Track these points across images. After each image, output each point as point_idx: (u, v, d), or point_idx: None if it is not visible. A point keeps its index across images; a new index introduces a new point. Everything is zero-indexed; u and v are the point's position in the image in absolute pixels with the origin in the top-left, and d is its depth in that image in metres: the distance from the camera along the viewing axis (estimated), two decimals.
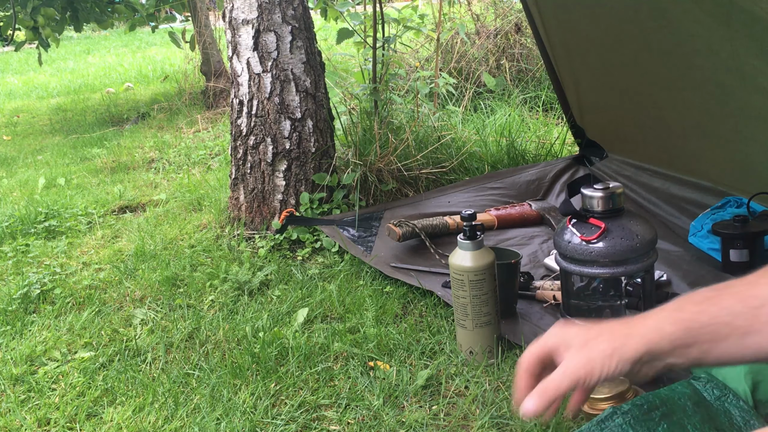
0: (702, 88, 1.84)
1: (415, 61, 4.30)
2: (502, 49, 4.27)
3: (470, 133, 3.03)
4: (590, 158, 2.53)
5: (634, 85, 2.15)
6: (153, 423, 1.39)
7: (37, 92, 7.67)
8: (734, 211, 1.86)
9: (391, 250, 2.07)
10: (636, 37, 1.98)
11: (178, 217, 2.69)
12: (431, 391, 1.40)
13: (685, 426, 0.93)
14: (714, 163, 2.01)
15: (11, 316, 1.93)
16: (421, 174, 2.53)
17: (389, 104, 2.82)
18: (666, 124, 2.12)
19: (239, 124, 2.35)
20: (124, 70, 8.78)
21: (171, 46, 9.36)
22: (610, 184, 1.31)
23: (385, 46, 2.79)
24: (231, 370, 1.52)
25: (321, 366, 1.52)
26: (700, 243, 1.90)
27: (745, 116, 1.76)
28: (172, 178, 3.39)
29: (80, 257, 2.38)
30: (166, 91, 6.41)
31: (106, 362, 1.65)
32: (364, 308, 1.76)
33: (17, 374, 1.62)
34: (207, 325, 1.76)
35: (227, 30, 2.34)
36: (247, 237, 2.32)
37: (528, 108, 3.76)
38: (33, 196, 3.19)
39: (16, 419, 1.45)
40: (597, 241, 1.27)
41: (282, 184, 2.33)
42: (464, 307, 1.45)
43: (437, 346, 1.56)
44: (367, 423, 1.32)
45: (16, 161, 4.19)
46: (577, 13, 2.21)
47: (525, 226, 2.20)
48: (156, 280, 2.06)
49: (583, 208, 1.32)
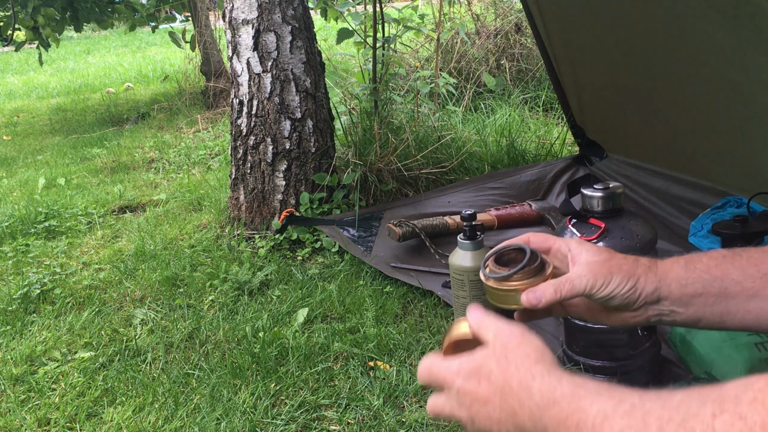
0: (705, 86, 1.84)
1: (415, 61, 4.30)
2: (502, 49, 4.27)
3: (470, 133, 3.03)
4: (590, 158, 2.53)
5: (634, 85, 2.15)
6: (153, 423, 1.39)
7: (37, 92, 7.67)
8: (734, 211, 1.86)
9: (391, 250, 2.07)
10: (637, 35, 1.98)
11: (178, 217, 2.69)
12: (431, 391, 1.40)
13: None
14: (714, 163, 2.01)
15: (11, 316, 1.93)
16: (421, 174, 2.53)
17: (389, 104, 2.82)
18: (666, 124, 2.12)
19: (239, 124, 2.35)
20: (124, 70, 8.78)
21: (171, 46, 9.36)
22: (610, 184, 1.31)
23: (385, 46, 2.79)
24: (231, 370, 1.52)
25: (321, 366, 1.52)
26: (700, 243, 1.90)
27: (748, 114, 1.76)
28: (172, 178, 3.39)
29: (80, 257, 2.37)
30: (166, 91, 6.41)
31: (106, 362, 1.65)
32: (364, 308, 1.76)
33: (17, 374, 1.62)
34: (207, 325, 1.76)
35: (227, 30, 2.34)
36: (247, 237, 2.32)
37: (528, 108, 3.76)
38: (33, 196, 3.19)
39: (16, 419, 1.45)
40: (597, 241, 1.27)
41: (282, 184, 2.33)
42: (464, 307, 1.45)
43: (437, 346, 1.56)
44: (367, 423, 1.32)
45: (16, 161, 4.19)
46: (577, 12, 2.21)
47: (525, 226, 2.20)
48: (156, 280, 2.06)
49: (583, 208, 1.32)
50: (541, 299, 0.79)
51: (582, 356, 1.36)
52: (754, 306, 0.77)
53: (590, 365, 1.34)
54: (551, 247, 0.85)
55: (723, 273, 0.78)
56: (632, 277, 0.79)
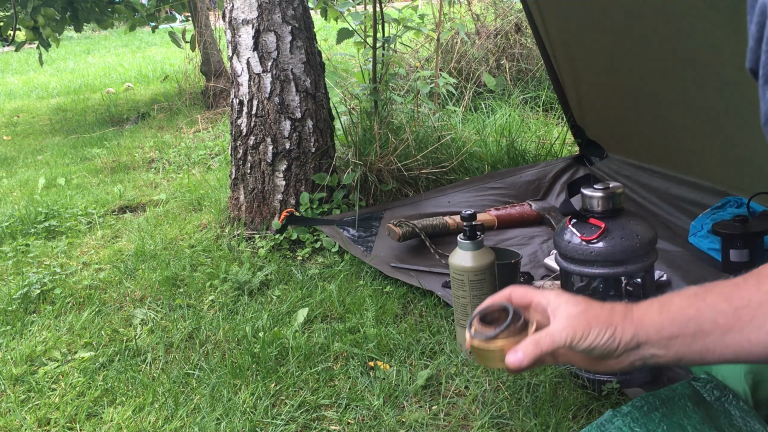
0: (705, 85, 1.84)
1: (415, 61, 4.30)
2: (502, 49, 4.27)
3: (470, 133, 3.03)
4: (590, 158, 2.53)
5: (634, 84, 2.15)
6: (153, 423, 1.39)
7: (37, 92, 7.67)
8: (734, 211, 1.86)
9: (391, 250, 2.07)
10: (637, 34, 1.98)
11: (178, 217, 2.69)
12: (431, 391, 1.40)
13: (685, 427, 0.93)
14: (714, 163, 2.01)
15: (11, 316, 1.93)
16: (421, 174, 2.53)
17: (389, 104, 2.82)
18: (666, 124, 2.12)
19: (239, 124, 2.35)
20: (124, 70, 8.78)
21: (171, 46, 9.36)
22: (610, 184, 1.31)
23: (385, 46, 2.79)
24: (231, 370, 1.52)
25: (321, 366, 1.52)
26: (700, 243, 1.90)
27: (748, 114, 1.76)
28: (172, 178, 3.39)
29: (80, 257, 2.37)
30: (166, 91, 6.41)
31: (106, 362, 1.65)
32: (364, 308, 1.76)
33: (17, 374, 1.62)
34: (207, 325, 1.76)
35: (227, 30, 2.34)
36: (247, 237, 2.32)
37: (528, 108, 3.77)
38: (33, 196, 3.19)
39: (16, 419, 1.45)
40: (597, 241, 1.27)
41: (282, 184, 2.33)
42: (464, 307, 1.45)
43: (437, 346, 1.56)
44: (367, 423, 1.32)
45: (16, 161, 4.19)
46: (577, 12, 2.21)
47: (525, 226, 2.20)
48: (156, 280, 2.06)
49: (583, 208, 1.32)
50: (523, 361, 0.84)
51: None
52: (731, 340, 0.78)
53: None
54: (531, 301, 0.90)
55: (696, 312, 0.80)
56: (610, 327, 0.82)
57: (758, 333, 0.76)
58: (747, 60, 0.48)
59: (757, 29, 0.46)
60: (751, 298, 0.77)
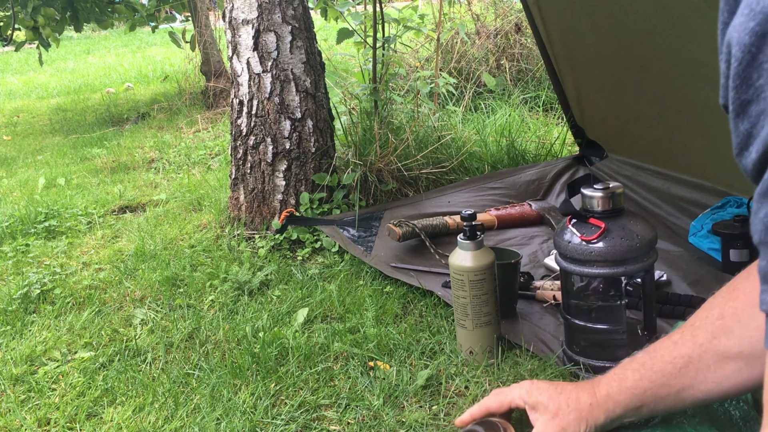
0: (705, 85, 1.84)
1: (415, 61, 4.30)
2: (502, 49, 4.27)
3: (470, 133, 3.03)
4: (590, 158, 2.53)
5: (634, 84, 2.15)
6: (153, 423, 1.39)
7: (37, 92, 7.68)
8: (734, 211, 1.86)
9: (391, 250, 2.07)
10: (638, 35, 1.98)
11: (178, 217, 2.69)
12: (431, 391, 1.40)
13: (684, 428, 0.93)
14: (714, 163, 2.01)
15: (11, 316, 1.93)
16: (421, 174, 2.53)
17: (389, 104, 2.82)
18: (666, 124, 2.12)
19: (239, 124, 2.35)
20: (124, 70, 8.78)
21: (171, 46, 9.36)
22: (610, 184, 1.31)
23: (385, 46, 2.79)
24: (231, 370, 1.52)
25: (321, 366, 1.52)
26: (700, 243, 1.90)
27: None
28: (172, 178, 3.39)
29: (80, 257, 2.38)
30: (166, 91, 6.41)
31: (106, 362, 1.65)
32: (364, 308, 1.76)
33: (17, 374, 1.62)
34: (207, 325, 1.76)
35: (227, 30, 2.34)
36: (247, 237, 2.32)
37: (528, 108, 3.77)
38: (33, 196, 3.19)
39: (16, 419, 1.45)
40: (597, 241, 1.27)
41: (282, 184, 2.33)
42: (464, 307, 1.45)
43: (437, 346, 1.56)
44: (367, 423, 1.32)
45: (16, 161, 4.20)
46: (577, 12, 2.21)
47: (525, 226, 2.20)
48: (156, 280, 2.06)
49: (583, 208, 1.32)
50: None
51: (582, 356, 1.36)
52: (687, 395, 0.88)
53: (590, 365, 1.34)
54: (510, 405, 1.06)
55: (649, 383, 0.89)
56: (582, 421, 0.94)
57: (705, 384, 0.85)
58: (720, 96, 0.49)
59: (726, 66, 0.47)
60: (690, 354, 0.86)
